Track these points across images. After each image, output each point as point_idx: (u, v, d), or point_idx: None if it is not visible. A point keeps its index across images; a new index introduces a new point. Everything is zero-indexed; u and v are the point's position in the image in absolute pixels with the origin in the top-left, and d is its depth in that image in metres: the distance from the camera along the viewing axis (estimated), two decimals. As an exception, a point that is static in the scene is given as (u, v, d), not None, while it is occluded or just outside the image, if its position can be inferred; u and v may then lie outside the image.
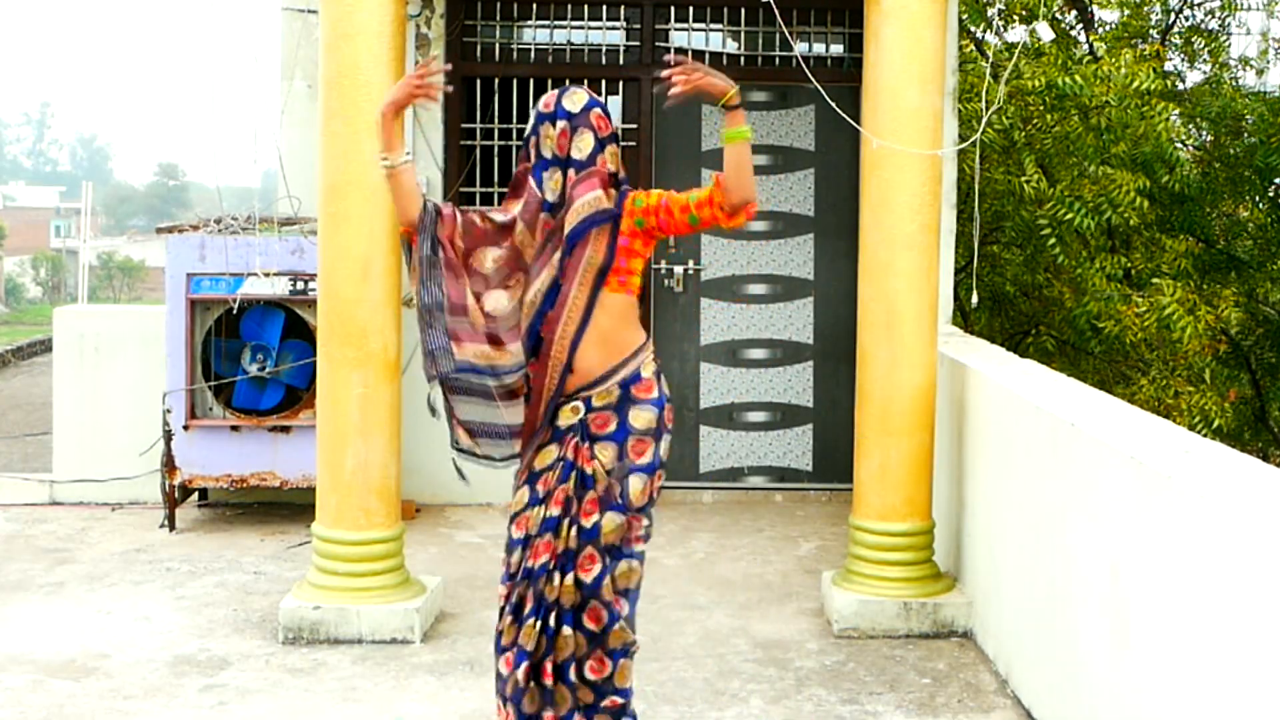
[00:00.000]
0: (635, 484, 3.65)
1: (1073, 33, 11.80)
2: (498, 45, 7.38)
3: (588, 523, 3.63)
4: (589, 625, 3.65)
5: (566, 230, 3.63)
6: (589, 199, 3.63)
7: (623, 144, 7.30)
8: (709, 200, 3.60)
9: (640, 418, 3.65)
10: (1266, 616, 2.61)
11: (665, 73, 3.56)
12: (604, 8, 7.36)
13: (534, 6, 7.34)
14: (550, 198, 3.66)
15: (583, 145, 3.64)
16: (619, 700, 3.71)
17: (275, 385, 6.59)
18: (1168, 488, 3.16)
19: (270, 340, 6.54)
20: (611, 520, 3.62)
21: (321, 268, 5.06)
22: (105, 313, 8.76)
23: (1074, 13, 11.71)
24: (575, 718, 3.68)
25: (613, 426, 3.64)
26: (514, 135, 7.34)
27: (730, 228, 3.68)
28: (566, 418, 3.65)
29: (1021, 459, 4.47)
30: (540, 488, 3.66)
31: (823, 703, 4.45)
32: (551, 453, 3.66)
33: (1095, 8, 11.75)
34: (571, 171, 3.64)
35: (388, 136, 3.62)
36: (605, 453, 3.63)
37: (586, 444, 3.64)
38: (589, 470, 3.63)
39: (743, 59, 7.41)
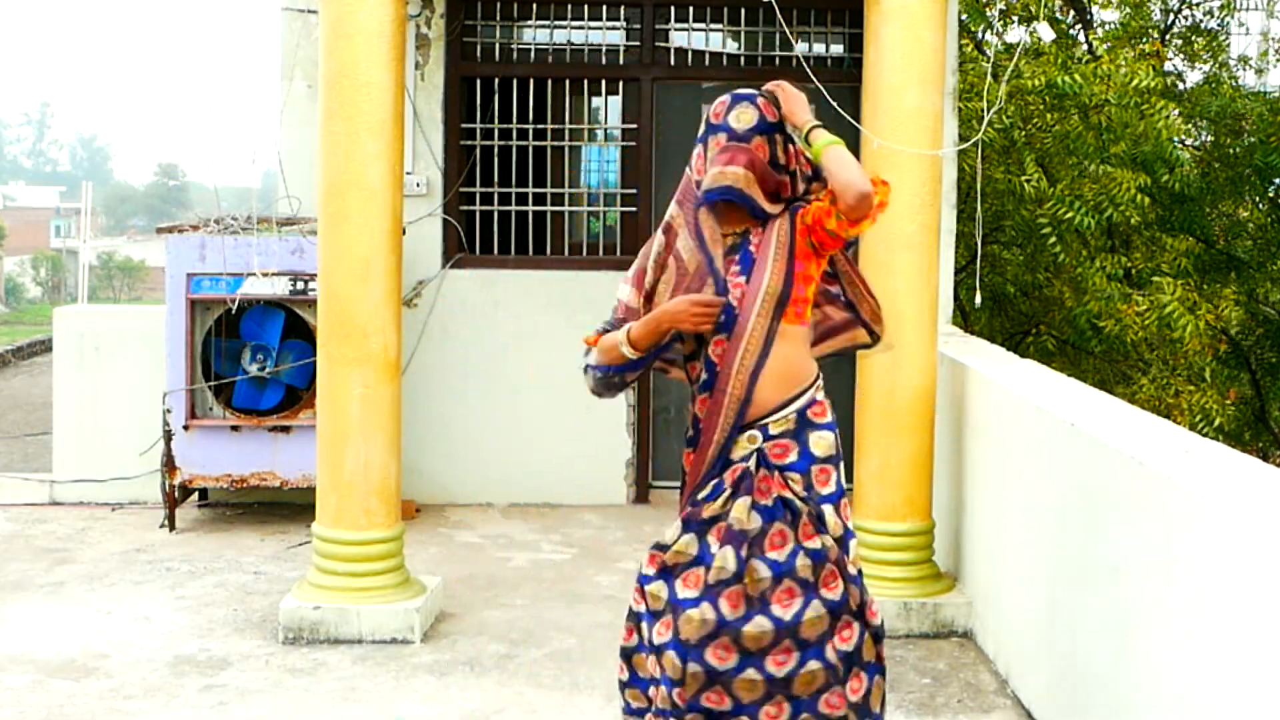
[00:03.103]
0: (829, 515, 3.44)
1: (1072, 32, 11.81)
2: (498, 45, 7.37)
3: (813, 544, 3.39)
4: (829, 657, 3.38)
5: (700, 192, 3.46)
6: (729, 170, 3.41)
7: (623, 144, 7.38)
8: (830, 212, 3.39)
9: (819, 444, 3.46)
10: (1267, 616, 2.61)
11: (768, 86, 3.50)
12: (604, 8, 7.35)
13: (534, 6, 7.33)
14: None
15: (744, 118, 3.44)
16: None
17: (275, 385, 6.58)
18: (1168, 488, 3.15)
19: (270, 340, 6.54)
20: (824, 541, 3.41)
21: (321, 268, 5.06)
22: (105, 313, 8.77)
23: (1073, 13, 11.71)
24: None
25: (793, 456, 3.44)
26: (514, 135, 7.33)
27: (857, 234, 3.44)
28: (742, 448, 3.44)
29: (1021, 459, 4.47)
30: (714, 540, 3.38)
31: (823, 703, 4.45)
32: (724, 497, 3.41)
33: (1095, 8, 11.77)
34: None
35: (648, 337, 3.45)
36: (795, 484, 3.43)
37: (775, 473, 3.42)
38: (789, 495, 3.41)
39: (743, 59, 7.41)
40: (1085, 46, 11.40)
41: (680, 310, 3.41)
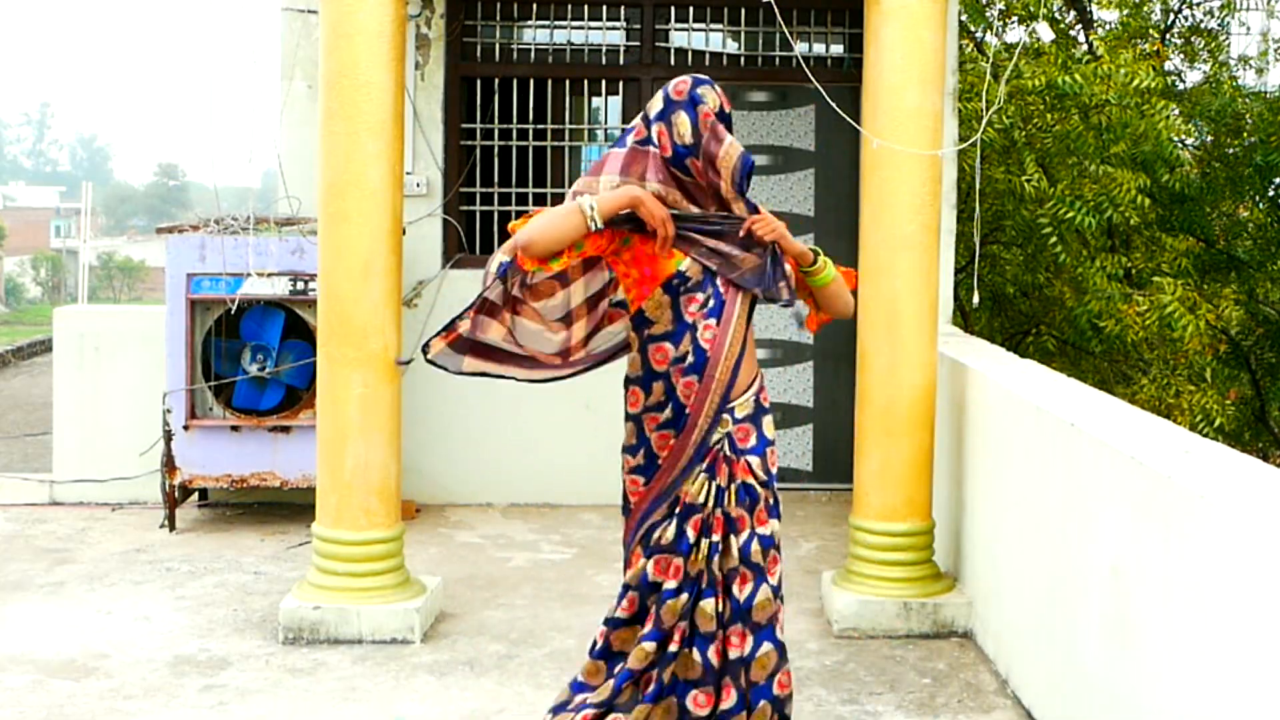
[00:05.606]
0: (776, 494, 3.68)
1: (1072, 33, 11.81)
2: (498, 45, 7.37)
3: (765, 530, 3.59)
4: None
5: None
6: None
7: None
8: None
9: (769, 427, 3.66)
10: (1266, 616, 2.61)
11: (746, 225, 3.52)
12: (604, 8, 7.36)
13: (534, 6, 7.34)
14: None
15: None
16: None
17: (275, 385, 6.59)
18: (1168, 488, 3.16)
19: (270, 340, 6.54)
20: (774, 526, 3.62)
21: (321, 268, 5.06)
22: (105, 313, 8.77)
23: (1073, 13, 11.72)
24: None
25: (753, 440, 3.60)
26: (514, 135, 7.34)
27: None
28: (718, 432, 3.56)
29: (1021, 459, 4.47)
30: (691, 531, 3.53)
31: (823, 703, 4.45)
32: (703, 483, 3.54)
33: (1095, 7, 11.77)
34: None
35: (614, 209, 3.46)
36: (757, 468, 3.59)
37: (740, 459, 3.58)
38: (751, 481, 3.58)
39: (743, 59, 7.40)
40: (1085, 46, 11.40)
41: (650, 199, 3.47)
